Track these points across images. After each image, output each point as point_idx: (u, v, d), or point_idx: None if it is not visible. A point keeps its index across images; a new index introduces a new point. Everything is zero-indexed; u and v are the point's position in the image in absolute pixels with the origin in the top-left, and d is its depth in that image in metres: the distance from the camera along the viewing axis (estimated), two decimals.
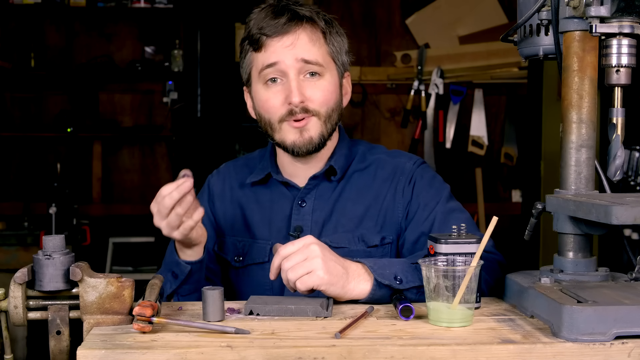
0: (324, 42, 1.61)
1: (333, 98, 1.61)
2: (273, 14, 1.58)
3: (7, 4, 4.62)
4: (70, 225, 4.25)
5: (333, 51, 1.63)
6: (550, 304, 1.17)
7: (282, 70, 1.57)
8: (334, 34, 1.64)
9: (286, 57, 1.57)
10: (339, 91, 1.65)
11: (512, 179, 5.01)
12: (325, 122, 1.60)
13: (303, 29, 1.59)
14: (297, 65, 1.57)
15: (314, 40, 1.59)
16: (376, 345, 1.12)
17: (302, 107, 1.57)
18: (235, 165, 1.78)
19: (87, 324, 1.21)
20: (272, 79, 1.59)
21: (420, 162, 1.70)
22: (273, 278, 1.39)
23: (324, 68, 1.60)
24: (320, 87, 1.59)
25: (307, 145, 1.59)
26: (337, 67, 1.65)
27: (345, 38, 1.68)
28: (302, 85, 1.58)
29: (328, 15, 1.65)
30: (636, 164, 2.86)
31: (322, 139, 1.61)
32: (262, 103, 1.61)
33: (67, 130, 4.67)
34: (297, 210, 1.64)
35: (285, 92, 1.57)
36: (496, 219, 1.25)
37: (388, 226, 1.63)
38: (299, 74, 1.58)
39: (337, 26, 1.66)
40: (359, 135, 4.95)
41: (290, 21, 1.57)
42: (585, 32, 1.30)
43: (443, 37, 4.92)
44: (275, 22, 1.57)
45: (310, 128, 1.59)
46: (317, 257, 1.33)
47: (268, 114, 1.61)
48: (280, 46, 1.57)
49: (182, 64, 4.68)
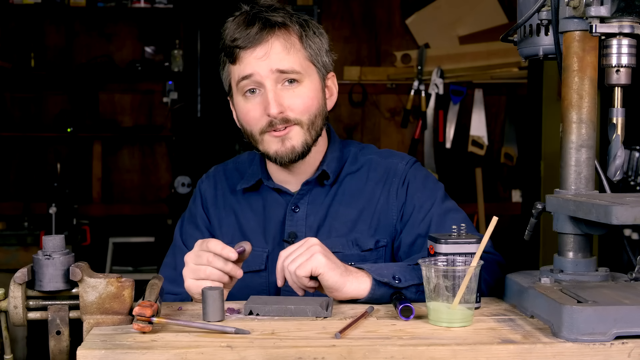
0: (301, 47, 1.57)
1: (315, 104, 1.57)
2: (245, 24, 1.54)
3: (7, 4, 4.62)
4: (70, 225, 4.25)
5: (311, 54, 1.58)
6: (550, 304, 1.17)
7: (258, 81, 1.54)
8: (310, 36, 1.58)
9: (260, 69, 1.53)
10: (321, 95, 1.61)
11: (512, 179, 5.01)
12: (309, 130, 1.57)
13: (276, 37, 1.54)
14: (273, 76, 1.53)
15: (288, 47, 1.55)
16: (376, 345, 1.12)
17: (282, 118, 1.53)
18: (226, 169, 1.75)
19: (87, 324, 1.21)
20: (251, 90, 1.56)
21: (413, 161, 1.68)
22: (280, 284, 1.39)
23: (302, 74, 1.56)
24: (300, 95, 1.55)
25: (290, 155, 1.56)
26: (318, 69, 1.60)
27: (325, 37, 1.62)
28: (280, 95, 1.54)
29: (303, 16, 1.60)
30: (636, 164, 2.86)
31: (306, 147, 1.57)
32: (242, 115, 1.59)
33: (67, 130, 4.67)
34: (291, 216, 1.63)
35: (264, 103, 1.54)
36: (496, 219, 1.25)
37: (382, 229, 1.61)
38: (276, 84, 1.54)
39: (314, 26, 1.61)
40: (359, 135, 4.95)
41: (262, 30, 1.53)
42: (585, 32, 1.30)
43: (443, 37, 4.92)
44: (247, 33, 1.53)
45: (293, 137, 1.55)
46: (316, 245, 1.35)
47: (249, 126, 1.58)
48: (254, 58, 1.53)
49: (182, 64, 4.68)
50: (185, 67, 4.65)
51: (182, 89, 4.65)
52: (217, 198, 1.70)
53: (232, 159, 1.79)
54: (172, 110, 4.74)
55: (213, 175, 1.75)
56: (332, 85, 1.67)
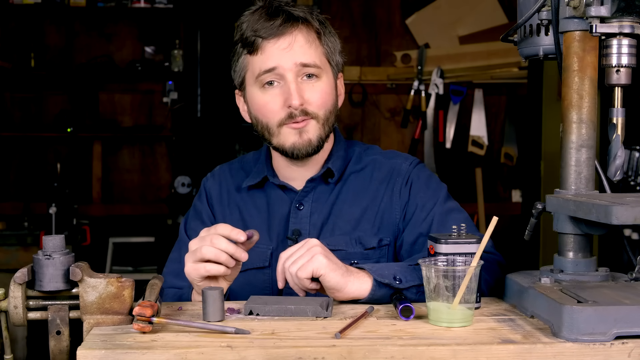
0: (320, 44, 1.59)
1: (330, 100, 1.60)
2: (267, 15, 1.55)
3: (7, 4, 4.62)
4: (70, 225, 4.25)
5: (328, 52, 1.61)
6: (551, 304, 1.17)
7: (280, 73, 1.55)
8: (327, 34, 1.61)
9: (284, 61, 1.54)
10: (334, 92, 1.63)
11: (512, 179, 5.01)
12: (324, 125, 1.58)
13: (299, 30, 1.56)
14: (295, 69, 1.55)
15: (310, 41, 1.57)
16: (376, 345, 1.12)
17: (301, 110, 1.55)
18: (231, 168, 1.76)
19: (87, 324, 1.21)
20: (270, 82, 1.56)
21: (416, 162, 1.69)
22: (281, 286, 1.39)
23: (321, 70, 1.58)
24: (318, 89, 1.57)
25: (307, 148, 1.57)
26: (332, 68, 1.63)
27: (337, 38, 1.65)
28: (301, 87, 1.55)
29: (321, 15, 1.63)
30: (636, 164, 2.86)
31: (320, 142, 1.59)
32: (259, 107, 1.59)
33: (67, 130, 4.67)
34: (295, 213, 1.63)
35: (284, 95, 1.55)
36: (496, 219, 1.25)
37: (385, 228, 1.62)
38: (297, 77, 1.55)
39: (329, 26, 1.63)
40: (359, 135, 4.95)
41: (286, 22, 1.55)
42: (585, 32, 1.30)
43: (443, 37, 4.92)
44: (270, 24, 1.54)
45: (309, 130, 1.57)
46: (316, 246, 1.35)
47: (266, 118, 1.58)
48: (277, 48, 1.54)
49: (182, 64, 4.68)
50: (185, 67, 4.65)
51: (182, 89, 4.66)
52: (222, 195, 1.71)
53: (237, 158, 1.80)
54: (172, 110, 4.74)
55: (218, 174, 1.76)
56: (340, 86, 1.69)
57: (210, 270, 1.36)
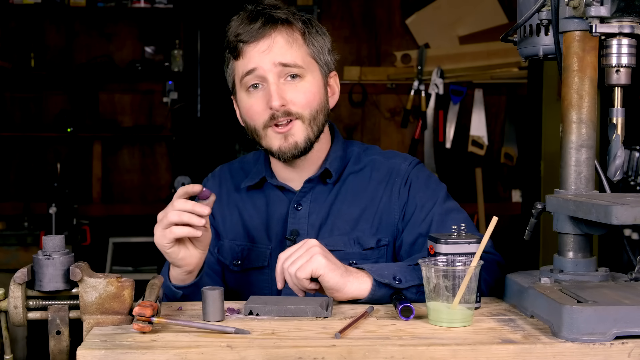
0: (303, 43, 1.59)
1: (316, 99, 1.59)
2: (248, 19, 1.57)
3: (7, 4, 4.62)
4: (70, 225, 4.25)
5: (314, 51, 1.60)
6: (550, 304, 1.17)
7: (261, 75, 1.56)
8: (313, 34, 1.61)
9: (263, 62, 1.55)
10: (323, 92, 1.62)
11: (512, 179, 5.01)
12: (311, 125, 1.58)
13: (278, 31, 1.56)
14: (276, 70, 1.55)
15: (290, 42, 1.57)
16: (376, 345, 1.12)
17: (283, 111, 1.55)
18: (231, 168, 1.76)
19: (87, 324, 1.21)
20: (254, 85, 1.57)
21: (416, 162, 1.69)
22: (280, 287, 1.39)
23: (304, 69, 1.57)
24: (302, 89, 1.57)
25: (293, 150, 1.57)
26: (320, 67, 1.62)
27: (327, 37, 1.65)
28: (283, 88, 1.55)
29: (306, 15, 1.63)
30: (636, 164, 2.86)
31: (309, 143, 1.58)
32: (246, 110, 1.60)
33: (67, 130, 4.67)
34: (293, 214, 1.63)
35: (266, 97, 1.55)
36: (496, 219, 1.25)
37: (384, 228, 1.62)
38: (279, 78, 1.56)
39: (317, 25, 1.63)
40: (359, 135, 4.95)
41: (265, 25, 1.56)
42: (585, 32, 1.30)
43: (443, 37, 4.92)
44: (250, 28, 1.55)
45: (295, 132, 1.56)
46: (315, 246, 1.36)
47: (253, 121, 1.59)
48: (257, 51, 1.55)
49: (182, 64, 4.68)
50: (185, 67, 4.65)
51: (182, 89, 4.66)
52: (222, 196, 1.71)
53: (238, 158, 1.81)
54: (172, 110, 4.74)
55: (219, 174, 1.76)
56: (334, 84, 1.68)
57: (177, 233, 1.39)
